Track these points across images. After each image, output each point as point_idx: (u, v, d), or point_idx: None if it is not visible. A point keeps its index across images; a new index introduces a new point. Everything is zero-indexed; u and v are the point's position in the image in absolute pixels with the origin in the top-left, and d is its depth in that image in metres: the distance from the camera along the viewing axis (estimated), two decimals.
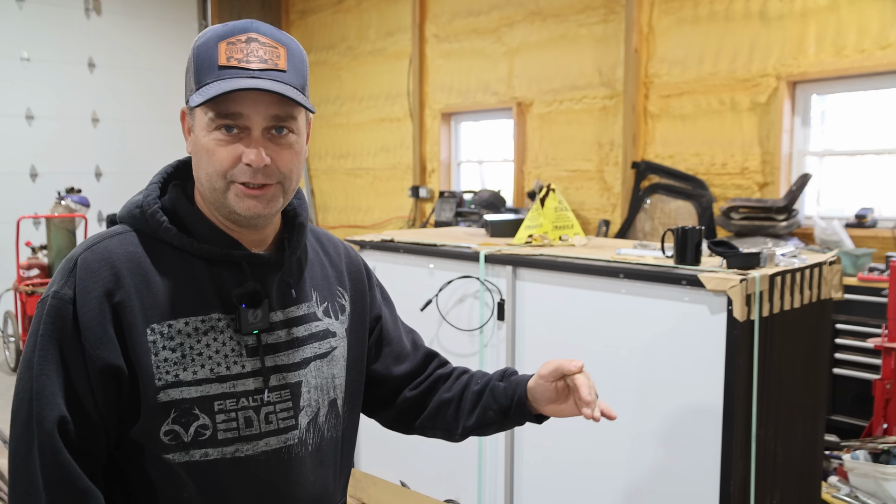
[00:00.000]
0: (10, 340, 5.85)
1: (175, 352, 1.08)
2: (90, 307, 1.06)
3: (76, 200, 5.98)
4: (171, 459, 1.08)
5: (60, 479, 1.03)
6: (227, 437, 1.11)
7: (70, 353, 1.05)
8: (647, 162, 5.02)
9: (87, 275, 1.07)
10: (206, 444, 1.09)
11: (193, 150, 1.13)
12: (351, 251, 1.39)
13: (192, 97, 1.09)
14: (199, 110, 1.10)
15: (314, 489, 1.21)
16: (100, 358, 1.05)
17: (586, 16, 5.38)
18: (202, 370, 1.09)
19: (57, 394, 1.04)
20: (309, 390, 1.20)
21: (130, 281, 1.09)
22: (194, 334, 1.10)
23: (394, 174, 7.10)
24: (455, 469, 2.82)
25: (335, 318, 1.27)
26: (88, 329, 1.05)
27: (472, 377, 1.40)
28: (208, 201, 1.14)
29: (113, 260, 1.09)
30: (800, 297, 2.30)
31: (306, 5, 7.99)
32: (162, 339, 1.08)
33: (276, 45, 1.11)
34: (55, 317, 1.06)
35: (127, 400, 1.08)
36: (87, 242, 1.13)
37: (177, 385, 1.08)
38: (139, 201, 1.16)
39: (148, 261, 1.11)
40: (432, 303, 2.77)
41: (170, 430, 1.08)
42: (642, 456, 2.29)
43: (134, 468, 1.11)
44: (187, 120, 1.15)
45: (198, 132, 1.11)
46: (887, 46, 4.00)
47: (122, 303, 1.07)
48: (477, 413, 1.35)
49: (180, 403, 1.08)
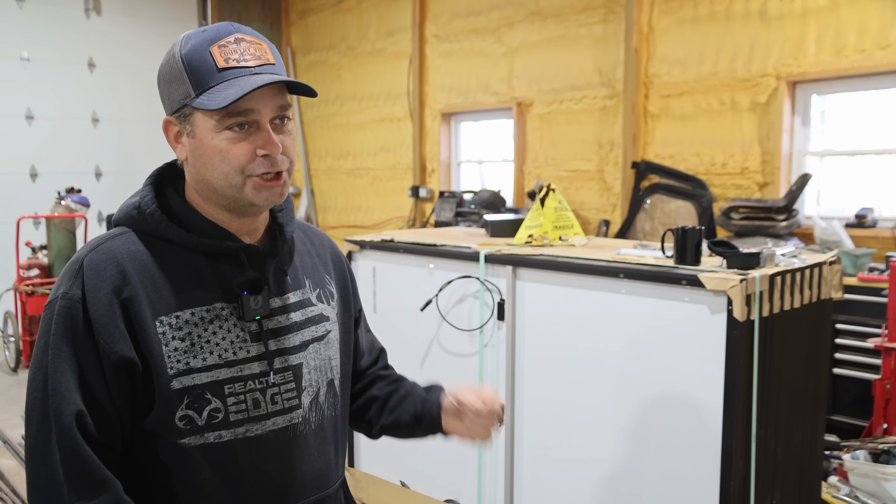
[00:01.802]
0: (10, 340, 5.84)
1: (184, 341, 1.13)
2: (100, 305, 1.10)
3: (76, 200, 5.99)
4: (187, 444, 1.14)
5: (81, 470, 1.07)
6: (238, 418, 1.16)
7: (83, 349, 1.09)
8: (647, 162, 5.02)
9: (94, 274, 1.11)
10: (219, 426, 1.15)
11: (197, 154, 1.16)
12: (334, 244, 1.46)
13: (203, 102, 1.11)
14: (200, 114, 1.13)
15: (318, 464, 1.27)
16: (114, 352, 1.09)
17: (586, 16, 5.38)
18: (211, 357, 1.15)
19: (72, 389, 1.08)
20: (309, 371, 1.26)
21: (136, 278, 1.13)
22: (201, 323, 1.15)
23: (394, 174, 7.10)
24: (455, 469, 2.82)
25: (327, 304, 1.34)
26: (100, 325, 1.09)
27: (403, 383, 1.47)
28: (215, 199, 1.18)
29: (118, 259, 1.13)
30: (800, 297, 2.30)
31: (306, 5, 7.99)
32: (171, 329, 1.13)
33: (259, 42, 1.17)
34: (66, 316, 1.09)
35: (140, 391, 1.12)
36: (90, 244, 1.17)
37: (188, 372, 1.13)
38: (136, 203, 1.20)
39: (150, 258, 1.15)
40: (432, 303, 2.77)
41: (184, 415, 1.12)
42: (642, 456, 2.29)
43: (149, 457, 1.15)
44: (176, 128, 1.19)
45: (202, 136, 1.14)
46: (887, 46, 4.00)
47: (130, 298, 1.11)
48: (395, 414, 1.42)
49: (193, 389, 1.13)
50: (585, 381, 2.40)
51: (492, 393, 1.34)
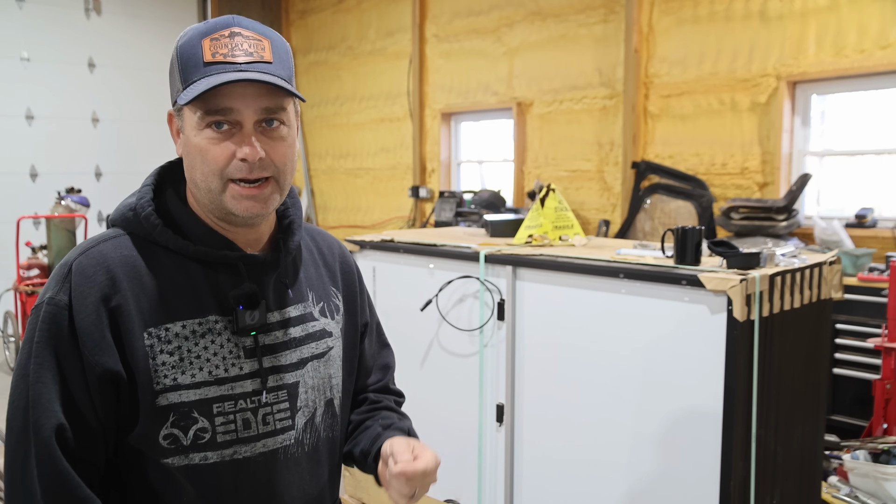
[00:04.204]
0: (9, 340, 5.85)
1: (173, 355, 1.07)
2: (87, 313, 1.04)
3: (76, 200, 5.98)
4: (171, 464, 1.08)
5: (59, 488, 1.01)
6: (225, 439, 1.10)
7: (67, 359, 1.03)
8: (647, 162, 5.02)
9: (82, 280, 1.05)
10: (205, 447, 1.09)
11: (185, 152, 1.11)
12: (346, 253, 1.38)
13: (180, 96, 1.07)
14: (187, 110, 1.08)
15: (310, 489, 1.21)
16: (98, 364, 1.03)
17: (586, 16, 5.38)
18: (200, 373, 1.08)
19: (54, 401, 1.02)
20: (306, 391, 1.19)
21: (127, 285, 1.07)
22: (192, 337, 1.09)
23: (394, 174, 7.10)
24: (455, 469, 2.82)
25: (331, 318, 1.27)
26: (86, 335, 1.03)
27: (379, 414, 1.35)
28: (203, 203, 1.12)
29: (108, 264, 1.07)
30: (800, 297, 2.30)
31: (306, 5, 7.99)
32: (159, 342, 1.07)
33: (259, 38, 1.09)
34: (50, 323, 1.04)
35: (125, 405, 1.06)
36: (81, 247, 1.11)
37: (175, 389, 1.07)
38: (132, 204, 1.14)
39: (143, 264, 1.09)
40: (432, 303, 2.77)
41: (168, 433, 1.07)
42: (642, 456, 2.29)
43: (132, 475, 1.10)
44: (175, 122, 1.14)
45: (188, 133, 1.09)
46: (887, 46, 4.00)
47: (118, 307, 1.05)
48: (350, 445, 1.32)
49: (179, 407, 1.07)
50: (585, 381, 2.40)
51: (425, 463, 1.13)
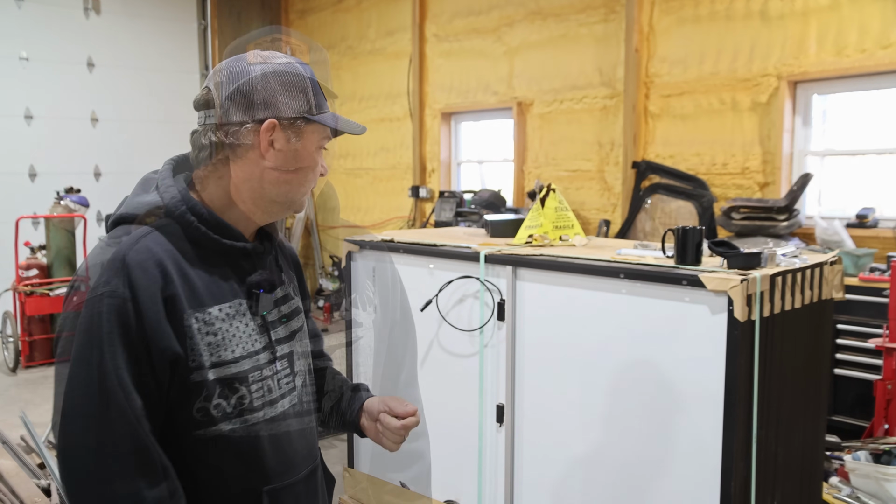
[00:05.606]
0: (9, 341, 5.83)
1: (216, 336, 1.23)
2: (150, 304, 1.16)
3: (75, 200, 5.98)
4: (219, 430, 1.24)
5: (148, 460, 1.15)
6: (259, 403, 1.29)
7: (136, 346, 1.15)
8: (647, 162, 5.02)
9: (141, 273, 1.17)
10: (246, 412, 1.27)
11: (291, 161, 1.27)
12: (285, 240, 1.58)
13: (324, 118, 1.28)
14: (314, 128, 1.28)
15: (310, 438, 1.43)
16: (165, 348, 1.17)
17: (587, 15, 5.37)
18: (238, 349, 1.26)
19: (131, 386, 1.15)
20: (298, 358, 1.40)
21: (175, 275, 1.20)
22: (227, 319, 1.25)
23: (394, 174, 7.10)
24: (455, 469, 2.81)
25: (298, 297, 1.47)
26: (150, 323, 1.16)
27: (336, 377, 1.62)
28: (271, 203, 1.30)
29: (158, 257, 1.20)
30: (801, 298, 2.30)
31: (306, 5, 7.99)
32: (205, 325, 1.22)
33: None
34: (117, 314, 1.15)
35: (177, 384, 1.20)
36: (128, 242, 1.20)
37: (221, 364, 1.23)
38: (156, 202, 1.25)
39: (181, 256, 1.23)
40: (432, 303, 2.76)
41: (217, 403, 1.23)
42: (643, 456, 2.28)
43: (180, 447, 1.24)
44: (276, 132, 1.25)
45: (307, 147, 1.28)
46: (888, 46, 3.99)
47: (172, 296, 1.19)
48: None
49: (225, 380, 1.24)
50: (586, 381, 2.40)
51: (412, 408, 1.47)
